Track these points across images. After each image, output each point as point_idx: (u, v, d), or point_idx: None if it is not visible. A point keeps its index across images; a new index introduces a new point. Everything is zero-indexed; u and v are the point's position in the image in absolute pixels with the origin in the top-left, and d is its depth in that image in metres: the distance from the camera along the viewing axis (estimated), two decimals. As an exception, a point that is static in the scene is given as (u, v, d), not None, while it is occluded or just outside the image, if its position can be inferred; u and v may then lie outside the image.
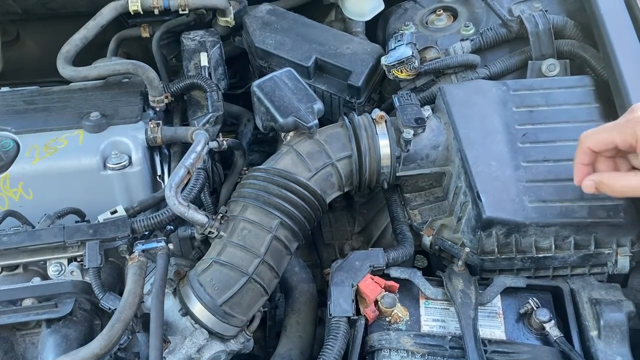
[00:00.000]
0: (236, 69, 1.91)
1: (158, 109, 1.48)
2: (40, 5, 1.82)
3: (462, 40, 1.49)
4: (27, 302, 1.10)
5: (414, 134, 1.26)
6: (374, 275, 1.15)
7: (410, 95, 1.34)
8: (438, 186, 1.35)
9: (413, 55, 1.44)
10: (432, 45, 1.52)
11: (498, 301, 1.15)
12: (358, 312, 1.12)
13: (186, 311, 1.15)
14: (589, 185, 1.00)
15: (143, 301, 1.12)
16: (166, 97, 1.47)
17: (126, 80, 1.53)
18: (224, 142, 1.38)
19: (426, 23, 1.62)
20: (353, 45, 1.59)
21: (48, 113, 1.43)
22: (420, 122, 1.27)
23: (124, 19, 1.73)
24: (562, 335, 1.07)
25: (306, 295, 1.34)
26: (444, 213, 1.32)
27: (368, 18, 1.72)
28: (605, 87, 1.30)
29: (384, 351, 1.07)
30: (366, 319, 1.11)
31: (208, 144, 1.27)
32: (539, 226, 1.15)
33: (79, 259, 1.17)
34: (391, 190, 1.38)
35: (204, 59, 1.56)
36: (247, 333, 1.23)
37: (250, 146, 1.82)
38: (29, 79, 1.82)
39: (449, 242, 1.26)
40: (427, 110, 1.31)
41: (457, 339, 1.09)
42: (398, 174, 1.30)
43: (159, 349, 1.03)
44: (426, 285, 1.16)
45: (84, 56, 1.55)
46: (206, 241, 1.30)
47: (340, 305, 1.11)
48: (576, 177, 1.04)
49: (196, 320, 1.15)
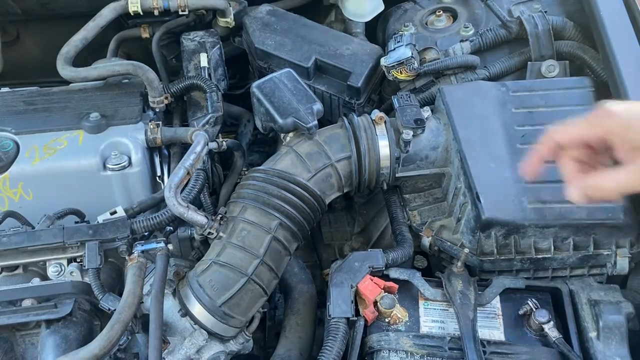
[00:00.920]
0: (236, 70, 1.90)
1: (158, 110, 1.48)
2: (40, 5, 1.82)
3: (462, 41, 1.49)
4: (27, 303, 1.11)
5: (413, 135, 1.26)
6: (374, 276, 1.15)
7: (409, 96, 1.34)
8: (437, 187, 1.35)
9: (412, 56, 1.44)
10: (432, 46, 1.52)
11: (497, 302, 1.15)
12: (357, 313, 1.12)
13: (185, 312, 1.15)
14: (577, 194, 0.88)
15: (142, 302, 1.12)
16: (166, 98, 1.48)
17: (126, 81, 1.53)
18: (224, 143, 1.38)
19: (426, 24, 1.62)
20: (353, 46, 1.59)
21: (48, 114, 1.43)
22: (419, 123, 1.27)
23: (124, 19, 1.73)
24: (561, 336, 1.07)
25: (305, 296, 1.34)
26: (443, 214, 1.32)
27: (368, 19, 1.72)
28: (604, 89, 1.30)
29: (383, 352, 1.08)
30: (365, 320, 1.11)
31: (207, 144, 1.27)
32: (538, 227, 1.16)
33: (78, 260, 1.18)
34: (390, 191, 1.38)
35: (203, 60, 1.56)
36: (247, 334, 1.23)
37: (250, 146, 1.82)
38: (29, 79, 1.81)
39: (448, 243, 1.26)
40: (427, 111, 1.31)
41: (456, 339, 1.09)
42: (397, 175, 1.30)
43: (158, 350, 1.04)
44: (425, 286, 1.16)
45: (84, 57, 1.56)
46: (206, 242, 1.30)
47: (339, 306, 1.11)
48: (525, 168, 0.95)
49: (195, 321, 1.15)
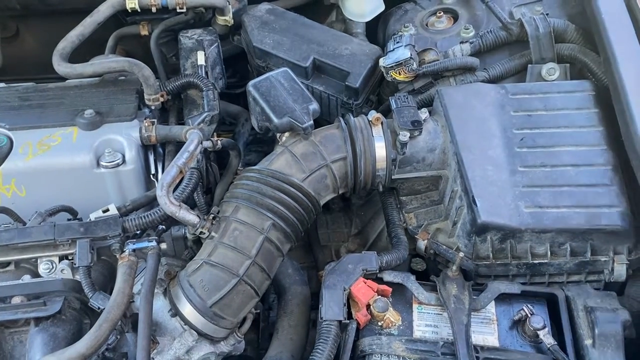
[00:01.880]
0: (236, 69, 1.89)
1: (153, 107, 1.47)
2: (39, 1, 1.82)
3: (462, 42, 1.48)
4: (17, 300, 1.10)
5: (410, 137, 1.25)
6: (367, 278, 1.14)
7: (407, 98, 1.33)
8: (434, 189, 1.34)
9: (411, 57, 1.43)
10: (432, 47, 1.51)
11: (492, 307, 1.13)
12: (350, 316, 1.11)
13: (175, 312, 1.14)
14: None
15: (133, 301, 1.11)
16: (162, 96, 1.47)
17: (122, 78, 1.52)
18: (219, 142, 1.37)
19: (426, 25, 1.60)
20: (352, 46, 1.58)
21: (42, 110, 1.42)
22: (416, 125, 1.26)
23: (122, 17, 1.72)
24: (556, 343, 1.05)
25: (299, 297, 1.33)
26: (439, 217, 1.30)
27: (368, 19, 1.70)
28: (605, 92, 1.28)
29: (375, 356, 1.06)
30: (358, 323, 1.10)
31: (202, 143, 1.26)
32: (535, 232, 1.14)
33: (69, 257, 1.17)
34: (387, 193, 1.36)
35: (200, 58, 1.55)
36: (238, 335, 1.22)
37: (248, 146, 1.81)
38: (28, 74, 1.81)
39: (444, 247, 1.25)
40: (424, 113, 1.30)
41: (450, 344, 1.07)
42: (394, 177, 1.29)
43: (146, 350, 1.02)
44: (419, 290, 1.14)
45: (82, 53, 1.54)
46: (199, 241, 1.29)
47: (331, 308, 1.10)
48: None
49: (185, 322, 1.13)
